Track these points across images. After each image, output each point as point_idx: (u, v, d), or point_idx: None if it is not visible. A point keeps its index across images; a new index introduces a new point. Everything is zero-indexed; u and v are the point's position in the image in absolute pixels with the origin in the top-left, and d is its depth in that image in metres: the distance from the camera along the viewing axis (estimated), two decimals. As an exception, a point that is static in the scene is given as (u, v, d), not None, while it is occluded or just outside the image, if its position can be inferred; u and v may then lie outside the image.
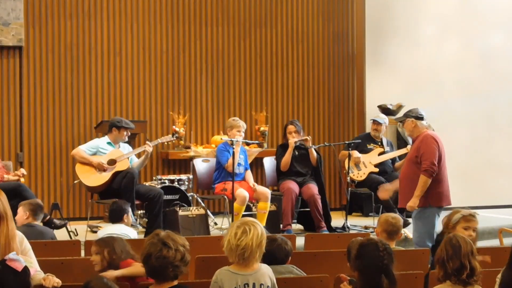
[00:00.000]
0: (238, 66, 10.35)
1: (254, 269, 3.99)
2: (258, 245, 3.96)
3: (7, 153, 9.35)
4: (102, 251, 4.55)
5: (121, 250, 4.56)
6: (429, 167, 6.57)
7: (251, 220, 4.08)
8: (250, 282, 3.95)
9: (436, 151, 6.63)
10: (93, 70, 9.72)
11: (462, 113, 10.74)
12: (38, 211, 6.29)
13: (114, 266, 4.48)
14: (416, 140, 6.80)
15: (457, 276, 3.93)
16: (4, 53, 9.36)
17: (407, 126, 6.91)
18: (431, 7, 10.74)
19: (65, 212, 9.21)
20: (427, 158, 6.58)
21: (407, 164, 6.86)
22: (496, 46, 10.94)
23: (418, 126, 6.80)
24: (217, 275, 3.97)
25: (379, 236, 5.42)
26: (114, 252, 4.52)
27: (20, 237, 4.20)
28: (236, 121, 8.34)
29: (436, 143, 6.66)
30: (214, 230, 8.31)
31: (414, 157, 6.68)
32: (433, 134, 6.78)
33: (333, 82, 10.75)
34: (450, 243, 4.01)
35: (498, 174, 10.86)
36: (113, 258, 4.51)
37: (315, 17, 10.69)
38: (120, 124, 7.93)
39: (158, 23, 10.00)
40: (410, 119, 6.81)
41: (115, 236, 4.87)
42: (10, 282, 3.72)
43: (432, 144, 6.64)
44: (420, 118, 6.81)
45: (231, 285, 3.91)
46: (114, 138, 7.96)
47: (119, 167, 7.79)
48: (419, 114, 6.83)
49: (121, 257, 4.52)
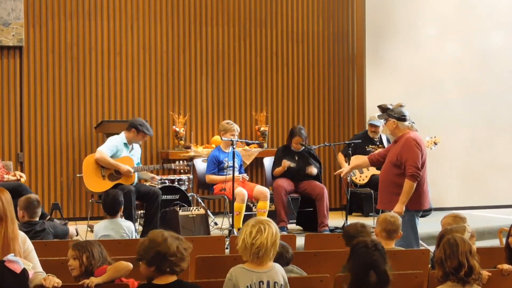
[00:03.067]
0: (238, 66, 10.35)
1: (268, 267, 4.02)
2: (273, 244, 3.99)
3: (7, 153, 9.35)
4: (80, 256, 4.39)
5: (99, 255, 4.42)
6: (414, 172, 6.47)
7: (265, 219, 4.11)
8: (264, 280, 3.97)
9: (419, 155, 6.54)
10: (93, 70, 9.72)
11: (462, 113, 10.74)
12: (33, 207, 6.07)
13: (89, 272, 4.33)
14: (398, 142, 6.68)
15: (455, 275, 3.95)
16: (4, 53, 9.37)
17: (388, 126, 6.80)
18: (431, 8, 10.74)
19: (65, 212, 9.22)
20: (411, 163, 6.48)
21: (387, 166, 6.72)
22: (496, 46, 10.94)
23: (399, 127, 6.68)
24: (232, 272, 3.99)
25: (379, 236, 5.42)
26: (92, 258, 4.39)
27: (23, 237, 4.17)
28: (230, 124, 8.36)
29: (419, 146, 6.56)
30: (214, 230, 8.32)
31: (396, 160, 6.57)
32: (415, 136, 6.66)
33: (333, 82, 10.76)
34: (448, 243, 4.03)
35: (498, 174, 10.87)
36: (91, 264, 4.37)
37: (315, 17, 10.70)
38: (141, 128, 7.90)
39: (158, 23, 10.00)
40: (392, 120, 6.69)
41: (91, 240, 4.65)
42: (8, 283, 3.70)
43: (416, 148, 6.53)
44: (403, 119, 6.68)
45: (246, 283, 3.93)
46: (130, 138, 7.95)
47: (124, 180, 7.78)
48: (401, 114, 6.69)
49: (98, 263, 4.38)
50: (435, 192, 10.20)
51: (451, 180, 10.71)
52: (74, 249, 4.45)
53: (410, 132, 6.69)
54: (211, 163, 8.41)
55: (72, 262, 4.42)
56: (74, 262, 4.41)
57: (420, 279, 4.64)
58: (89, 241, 4.61)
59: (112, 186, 7.72)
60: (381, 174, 6.90)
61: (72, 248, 4.48)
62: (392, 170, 6.61)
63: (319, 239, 6.44)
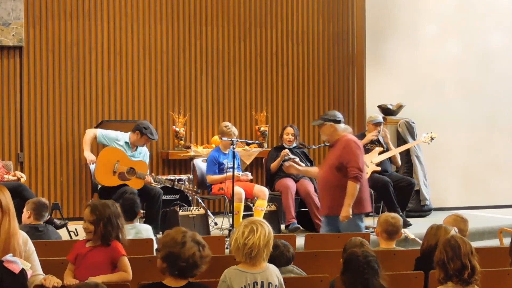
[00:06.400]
0: (238, 66, 10.35)
1: (262, 268, 4.01)
2: (266, 245, 3.98)
3: (7, 153, 9.35)
4: (97, 222, 4.32)
5: (116, 221, 4.36)
6: (357, 173, 6.32)
7: (258, 220, 4.10)
8: (258, 281, 3.96)
9: (361, 156, 6.44)
10: (93, 70, 9.72)
11: (462, 113, 10.74)
12: (40, 210, 6.06)
13: (106, 239, 4.33)
14: (335, 145, 6.55)
15: (459, 276, 3.94)
16: (4, 53, 9.36)
17: (325, 130, 6.60)
18: (431, 7, 10.74)
19: (65, 212, 9.22)
20: (353, 164, 6.34)
21: (329, 171, 6.54)
22: (496, 46, 10.95)
23: (337, 130, 6.54)
24: (226, 274, 3.98)
25: (379, 236, 5.43)
26: (110, 225, 4.34)
27: (25, 238, 4.17)
28: (228, 128, 8.35)
29: (359, 148, 6.48)
30: (214, 230, 8.32)
31: (337, 163, 6.43)
32: (353, 138, 6.58)
33: (333, 82, 10.76)
34: (449, 245, 4.01)
35: (498, 174, 10.87)
36: (108, 231, 4.33)
37: (315, 17, 10.69)
38: (145, 131, 7.87)
39: (158, 23, 10.00)
40: (329, 123, 6.55)
41: (109, 203, 4.52)
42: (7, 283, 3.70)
43: (357, 150, 6.43)
44: (338, 122, 6.57)
45: (240, 284, 3.93)
46: (134, 140, 7.94)
47: (132, 183, 7.73)
48: (337, 117, 6.58)
49: (115, 230, 4.36)
50: (435, 192, 10.21)
51: (451, 180, 10.71)
52: (92, 213, 4.37)
53: (348, 135, 6.58)
54: (211, 163, 8.41)
55: (88, 225, 4.36)
56: (90, 226, 4.35)
57: (420, 279, 4.64)
58: (107, 204, 4.49)
59: (118, 184, 7.69)
60: (322, 180, 6.72)
61: (89, 210, 4.39)
62: (336, 174, 6.43)
63: (319, 239, 6.43)
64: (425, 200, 9.89)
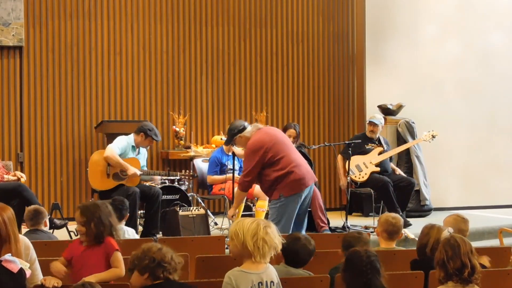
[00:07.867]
0: (238, 66, 10.35)
1: (264, 268, 4.01)
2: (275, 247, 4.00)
3: (7, 153, 9.35)
4: (88, 223, 4.35)
5: (107, 220, 4.40)
6: (241, 180, 6.63)
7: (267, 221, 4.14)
8: (263, 280, 3.95)
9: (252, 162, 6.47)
10: (93, 70, 9.72)
11: (462, 113, 10.74)
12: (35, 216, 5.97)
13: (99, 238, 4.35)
14: None
15: (459, 276, 3.94)
16: (4, 53, 9.37)
17: (240, 143, 6.77)
18: (431, 7, 10.74)
19: (65, 212, 9.22)
20: (243, 171, 6.64)
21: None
22: (496, 46, 10.95)
23: (247, 136, 6.63)
24: (230, 276, 3.91)
25: (380, 236, 5.43)
26: (101, 224, 4.37)
27: (27, 244, 4.13)
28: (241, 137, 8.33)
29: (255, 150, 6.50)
30: (214, 230, 8.32)
31: None
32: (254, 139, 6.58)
33: (333, 82, 10.76)
34: (449, 244, 4.01)
35: (498, 174, 10.87)
36: (100, 230, 4.36)
37: (315, 17, 10.70)
38: (150, 133, 7.87)
39: (158, 23, 10.00)
40: (237, 136, 6.68)
41: (99, 203, 4.56)
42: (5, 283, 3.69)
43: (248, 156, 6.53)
44: (243, 130, 6.66)
45: (247, 285, 3.89)
46: (138, 142, 7.93)
47: (128, 182, 7.75)
48: (239, 127, 6.67)
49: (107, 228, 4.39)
50: (435, 192, 10.22)
51: (451, 180, 10.71)
52: (82, 215, 4.40)
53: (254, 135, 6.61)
54: (213, 164, 8.39)
55: (80, 227, 4.40)
56: (82, 228, 4.39)
57: (420, 279, 4.64)
58: (97, 204, 4.52)
59: (115, 185, 7.70)
60: None
61: (79, 212, 4.42)
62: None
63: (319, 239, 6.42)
64: (425, 200, 9.89)
